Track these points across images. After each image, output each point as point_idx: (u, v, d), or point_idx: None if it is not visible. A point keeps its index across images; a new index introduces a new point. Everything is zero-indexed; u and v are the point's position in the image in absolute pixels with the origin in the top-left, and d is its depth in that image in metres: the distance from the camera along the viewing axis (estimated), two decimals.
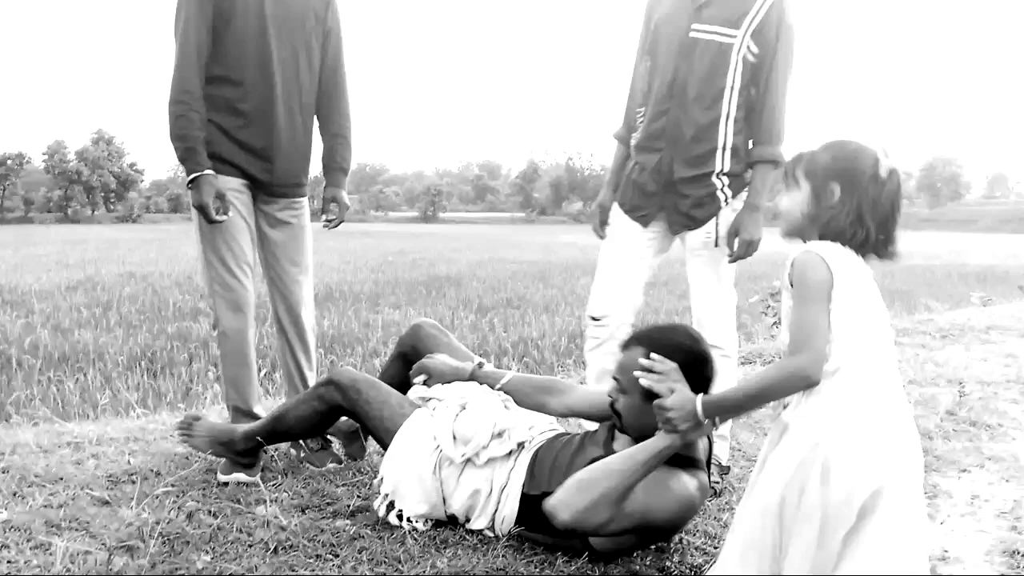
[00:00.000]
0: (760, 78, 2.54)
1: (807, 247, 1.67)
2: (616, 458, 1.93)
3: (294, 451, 2.79)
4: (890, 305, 8.34)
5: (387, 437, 2.33)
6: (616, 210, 2.76)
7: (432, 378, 2.49)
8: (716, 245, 2.60)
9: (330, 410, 2.43)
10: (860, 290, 1.66)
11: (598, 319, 2.69)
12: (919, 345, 5.47)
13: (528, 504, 2.11)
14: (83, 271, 14.06)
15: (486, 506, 2.18)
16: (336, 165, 2.91)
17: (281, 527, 2.16)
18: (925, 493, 2.04)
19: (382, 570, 1.95)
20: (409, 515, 2.19)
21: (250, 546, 2.05)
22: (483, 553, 2.06)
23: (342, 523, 2.21)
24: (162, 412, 3.97)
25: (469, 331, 7.31)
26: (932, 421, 3.39)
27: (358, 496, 2.41)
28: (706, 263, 2.63)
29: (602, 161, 76.20)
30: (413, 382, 2.51)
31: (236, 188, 2.66)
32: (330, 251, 17.63)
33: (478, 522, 2.19)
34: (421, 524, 2.18)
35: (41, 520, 2.15)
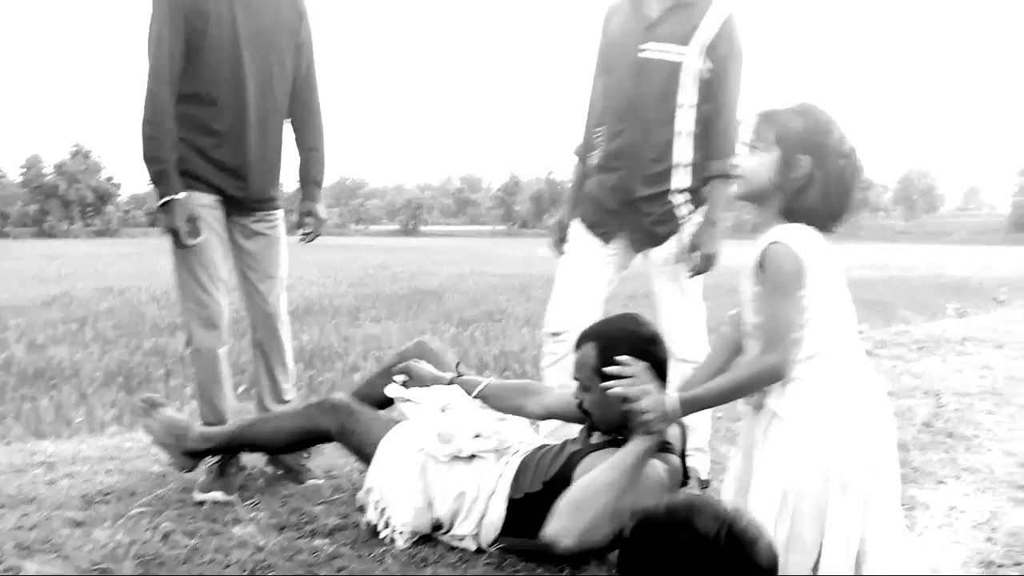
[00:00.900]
0: (713, 94, 2.57)
1: (779, 237, 1.67)
2: (601, 472, 1.93)
3: (271, 467, 2.77)
4: (868, 317, 8.43)
5: (373, 451, 2.31)
6: (577, 225, 2.78)
7: (412, 380, 2.51)
8: (676, 261, 2.63)
9: (314, 434, 2.41)
10: (830, 275, 1.69)
11: (557, 334, 2.69)
12: (896, 357, 5.52)
13: (512, 508, 2.12)
14: (59, 286, 13.87)
15: (472, 510, 2.17)
16: (311, 179, 2.90)
17: (258, 547, 2.13)
18: (903, 504, 2.06)
19: None
20: (395, 523, 2.18)
21: (227, 567, 2.02)
22: (464, 571, 2.04)
23: (320, 542, 2.19)
24: (138, 429, 3.91)
25: (450, 344, 7.27)
26: (909, 433, 3.41)
27: (337, 514, 2.39)
28: (670, 278, 2.67)
29: None
30: (394, 379, 2.53)
31: (209, 204, 2.64)
32: (309, 264, 17.53)
33: (463, 526, 2.17)
34: (402, 541, 2.16)
35: (12, 543, 2.11)
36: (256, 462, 2.80)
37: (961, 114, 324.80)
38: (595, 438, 2.17)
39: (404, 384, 2.50)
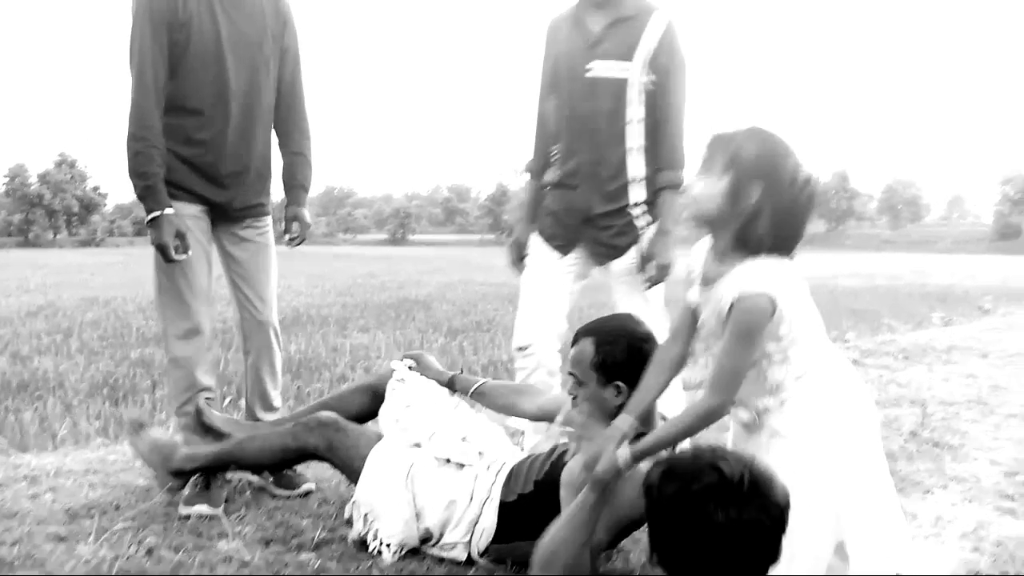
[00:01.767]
0: (658, 106, 2.59)
1: (748, 286, 1.64)
2: (557, 530, 1.90)
3: (256, 478, 2.74)
4: (854, 325, 8.47)
5: (363, 464, 2.30)
6: (535, 239, 2.80)
7: (418, 367, 2.57)
8: (640, 271, 2.66)
9: (301, 452, 2.39)
10: (801, 300, 1.72)
11: (524, 348, 2.72)
12: (882, 366, 5.55)
13: (505, 512, 2.12)
14: (44, 296, 13.76)
15: (463, 517, 2.16)
16: (296, 183, 2.89)
17: (244, 562, 2.11)
18: None
19: None
20: (383, 535, 2.16)
21: None
22: None
23: (307, 556, 2.17)
24: (123, 442, 3.87)
25: (439, 354, 7.25)
26: (896, 443, 3.43)
27: (323, 528, 2.37)
28: (632, 289, 2.69)
29: None
30: (402, 359, 2.59)
31: (194, 214, 2.63)
32: (297, 274, 17.45)
33: (453, 534, 2.16)
34: (389, 554, 2.14)
35: None
36: (244, 471, 2.77)
37: (945, 124, 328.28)
38: None
39: (410, 368, 2.56)
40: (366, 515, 2.22)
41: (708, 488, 1.31)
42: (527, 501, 2.09)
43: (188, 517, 2.42)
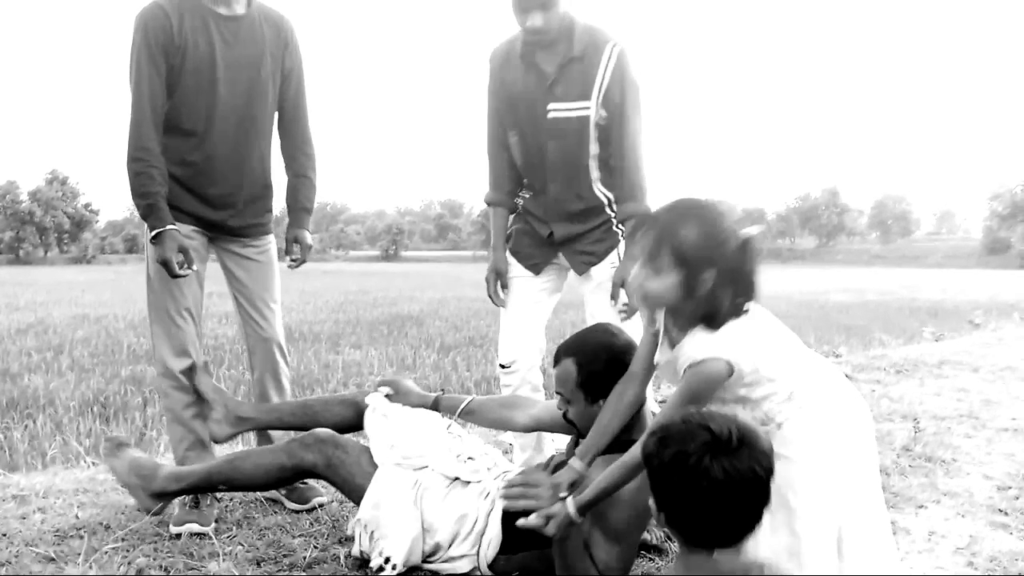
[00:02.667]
0: (612, 140, 2.59)
1: (708, 352, 1.68)
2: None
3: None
4: (845, 341, 8.50)
5: (365, 481, 2.26)
6: (509, 259, 2.80)
7: (397, 395, 2.51)
8: (612, 299, 2.64)
9: (298, 470, 2.32)
10: (766, 339, 1.75)
11: (507, 366, 2.73)
12: (874, 381, 5.56)
13: (508, 522, 2.11)
14: (34, 313, 13.69)
15: (473, 529, 2.17)
16: (299, 205, 2.89)
17: None
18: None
19: None
20: (388, 553, 2.14)
21: None
22: None
23: None
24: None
25: (431, 370, 7.25)
26: (889, 457, 3.43)
27: (315, 547, 2.36)
28: (609, 297, 2.68)
29: None
30: (378, 388, 2.53)
31: (187, 234, 2.63)
32: (290, 291, 17.43)
33: (461, 547, 2.16)
34: (391, 570, 2.12)
35: None
36: (237, 492, 2.76)
37: (935, 140, 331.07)
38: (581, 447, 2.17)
39: (387, 397, 2.50)
40: (372, 533, 2.19)
41: (703, 446, 1.40)
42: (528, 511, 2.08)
43: (178, 536, 2.40)
